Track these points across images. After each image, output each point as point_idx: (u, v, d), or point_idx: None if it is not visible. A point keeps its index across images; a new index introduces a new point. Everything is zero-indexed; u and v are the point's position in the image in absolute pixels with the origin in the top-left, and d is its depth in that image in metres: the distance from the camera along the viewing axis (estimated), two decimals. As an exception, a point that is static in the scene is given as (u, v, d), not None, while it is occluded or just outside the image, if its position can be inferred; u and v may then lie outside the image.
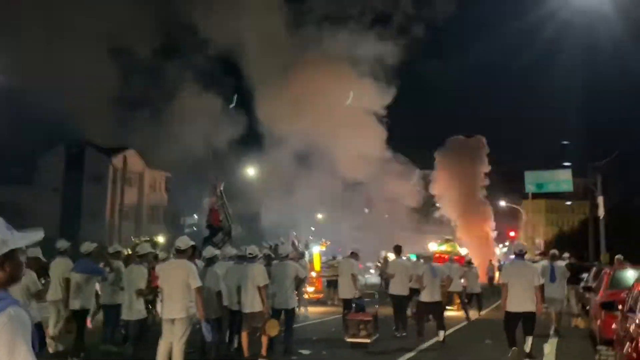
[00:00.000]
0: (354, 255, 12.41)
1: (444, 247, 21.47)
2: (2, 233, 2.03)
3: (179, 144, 42.65)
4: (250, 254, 8.75)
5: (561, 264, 12.46)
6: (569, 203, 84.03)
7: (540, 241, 57.59)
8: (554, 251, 13.05)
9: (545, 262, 12.59)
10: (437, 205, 46.54)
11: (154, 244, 38.75)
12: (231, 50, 37.82)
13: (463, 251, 21.88)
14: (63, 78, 40.38)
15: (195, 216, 48.86)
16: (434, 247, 21.88)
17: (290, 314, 9.45)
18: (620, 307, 6.70)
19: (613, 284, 9.20)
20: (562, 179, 25.86)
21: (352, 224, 62.30)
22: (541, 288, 9.08)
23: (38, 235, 2.13)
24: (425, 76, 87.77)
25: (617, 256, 14.03)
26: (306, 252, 18.65)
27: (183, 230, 43.48)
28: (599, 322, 8.73)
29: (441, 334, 10.51)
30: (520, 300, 8.80)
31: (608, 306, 7.55)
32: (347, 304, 11.62)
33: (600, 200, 25.19)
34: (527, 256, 10.21)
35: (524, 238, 52.90)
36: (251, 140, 40.54)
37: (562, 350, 9.93)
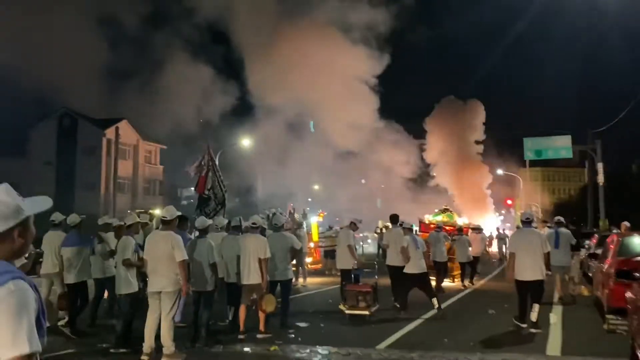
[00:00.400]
0: (352, 225, 12.10)
1: (440, 217, 19.65)
2: (15, 199, 1.89)
3: (171, 116, 42.30)
4: (253, 224, 8.46)
5: (565, 230, 12.14)
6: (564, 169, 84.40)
7: (537, 209, 57.58)
8: (559, 218, 12.72)
9: (549, 229, 12.38)
10: (433, 174, 45.32)
11: (151, 216, 38.58)
12: (219, 18, 37.00)
13: (461, 221, 20.11)
14: (52, 49, 39.91)
15: (192, 189, 48.54)
16: (429, 217, 20.59)
17: (287, 285, 9.15)
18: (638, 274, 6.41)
19: (622, 251, 8.87)
20: (561, 145, 25.48)
21: (349, 194, 62.21)
22: (548, 255, 8.99)
23: (47, 203, 2.01)
24: (418, 44, 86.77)
25: (623, 222, 13.64)
26: (304, 223, 18.37)
27: (180, 203, 43.30)
28: (606, 290, 8.46)
29: (434, 301, 10.32)
30: (529, 269, 8.81)
31: (623, 274, 7.31)
32: (345, 275, 11.37)
33: (599, 166, 24.94)
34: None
35: (522, 206, 52.80)
36: (244, 111, 40.06)
37: (568, 318, 9.69)
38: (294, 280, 15.33)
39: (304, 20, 33.94)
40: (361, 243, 27.54)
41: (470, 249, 16.04)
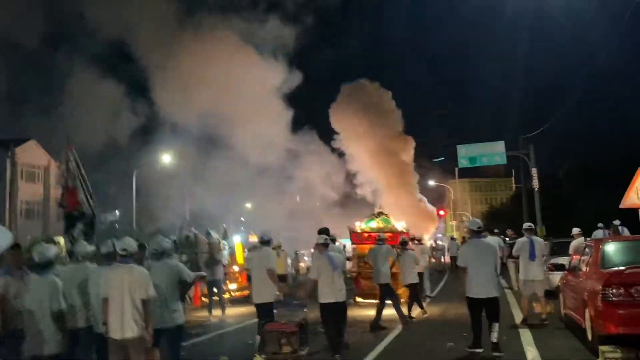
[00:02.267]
0: (265, 243, 8.82)
1: (374, 224, 16.22)
2: None
3: (82, 135, 39.41)
4: (123, 250, 5.78)
5: (539, 239, 10.70)
6: (488, 180, 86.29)
7: (467, 219, 57.91)
8: (529, 224, 11.00)
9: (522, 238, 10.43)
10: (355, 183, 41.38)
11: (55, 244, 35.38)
12: (122, 38, 34.71)
13: (399, 226, 16.27)
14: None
15: (117, 212, 45.41)
16: (360, 225, 16.86)
17: (175, 335, 6.47)
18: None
19: (606, 262, 7.34)
20: (495, 151, 24.76)
21: (284, 212, 60.07)
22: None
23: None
24: (332, 59, 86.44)
25: (614, 222, 11.73)
26: (225, 243, 16.31)
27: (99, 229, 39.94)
28: (592, 312, 6.95)
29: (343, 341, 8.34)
30: (482, 285, 7.80)
31: (615, 291, 5.88)
32: (262, 311, 8.46)
33: (534, 171, 24.35)
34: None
35: (453, 216, 53.03)
36: (155, 129, 37.89)
37: (544, 348, 8.01)
38: (210, 313, 13.15)
39: (211, 35, 32.22)
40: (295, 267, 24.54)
41: (416, 266, 12.90)
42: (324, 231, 9.11)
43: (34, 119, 43.21)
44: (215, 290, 14.18)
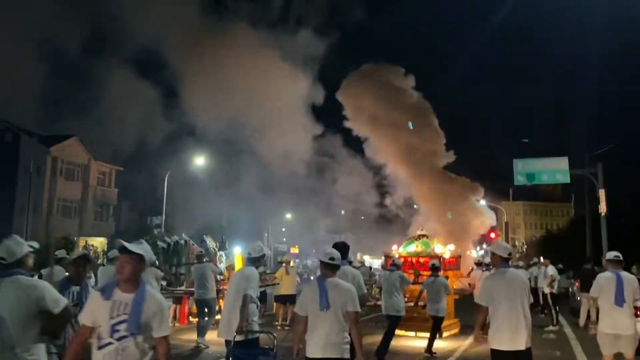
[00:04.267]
0: (252, 260, 6.60)
1: (412, 247, 14.36)
2: None
3: (124, 136, 39.07)
4: (1, 259, 3.87)
5: (630, 275, 7.17)
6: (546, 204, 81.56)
7: (521, 244, 54.15)
8: (615, 253, 7.38)
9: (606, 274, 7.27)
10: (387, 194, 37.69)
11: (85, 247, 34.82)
12: (158, 45, 34.05)
13: (441, 250, 14.20)
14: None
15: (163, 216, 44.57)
16: (398, 249, 14.69)
17: None
18: None
19: None
20: (558, 168, 21.80)
21: (327, 225, 58.01)
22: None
23: None
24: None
25: None
26: (222, 254, 14.31)
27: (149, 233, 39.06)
28: None
29: None
30: (511, 332, 5.54)
31: None
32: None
33: (602, 193, 21.30)
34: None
35: (505, 240, 49.60)
36: (189, 135, 37.14)
37: None
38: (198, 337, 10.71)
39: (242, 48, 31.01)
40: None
41: (444, 298, 10.84)
42: (338, 246, 5.98)
43: (76, 117, 43.26)
44: (206, 310, 11.58)
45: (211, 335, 11.21)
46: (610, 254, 7.48)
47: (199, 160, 33.56)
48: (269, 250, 14.30)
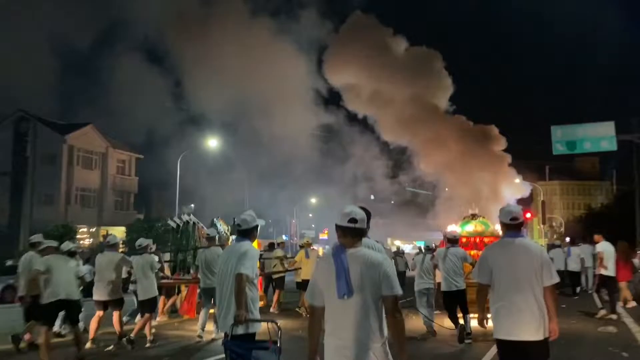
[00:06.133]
0: (243, 233, 5.43)
1: (471, 227, 13.48)
2: None
3: (142, 123, 37.97)
4: None
5: None
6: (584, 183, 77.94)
7: (559, 223, 51.40)
8: None
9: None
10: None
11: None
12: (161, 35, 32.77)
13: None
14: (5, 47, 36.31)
15: (192, 205, 43.46)
16: (455, 228, 13.72)
17: None
18: None
19: None
20: (602, 134, 19.32)
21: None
22: (553, 290, 4.41)
23: None
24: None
25: None
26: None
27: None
28: None
29: None
30: (512, 318, 4.34)
31: None
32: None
33: (653, 161, 18.90)
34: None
35: (542, 220, 47.03)
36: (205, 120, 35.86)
37: None
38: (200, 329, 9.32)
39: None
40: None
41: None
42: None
43: (92, 106, 42.47)
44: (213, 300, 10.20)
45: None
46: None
47: (212, 142, 32.06)
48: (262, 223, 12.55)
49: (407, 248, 44.80)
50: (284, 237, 48.42)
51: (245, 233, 5.39)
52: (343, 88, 26.91)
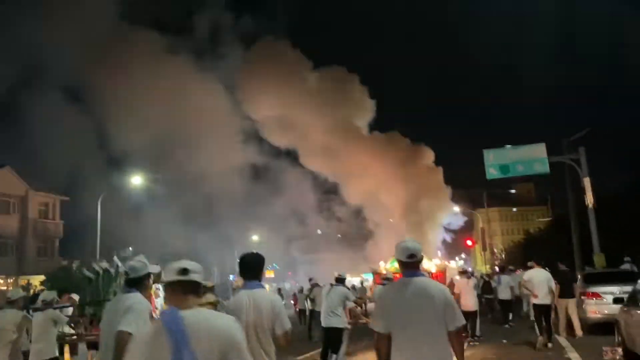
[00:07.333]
0: (133, 283, 4.87)
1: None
2: None
3: (64, 164, 35.81)
4: None
5: None
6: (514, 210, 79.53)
7: (499, 250, 51.56)
8: None
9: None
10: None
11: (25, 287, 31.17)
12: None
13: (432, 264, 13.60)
14: None
15: (131, 248, 40.81)
16: (385, 265, 14.25)
17: None
18: None
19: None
20: (535, 156, 18.82)
21: (302, 245, 55.05)
22: (459, 334, 3.85)
23: None
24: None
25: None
26: (159, 287, 11.06)
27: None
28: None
29: None
30: None
31: None
32: None
33: (586, 182, 18.46)
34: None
35: (482, 248, 46.98)
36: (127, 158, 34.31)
37: None
38: None
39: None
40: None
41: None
42: (246, 259, 4.61)
43: (9, 145, 39.96)
44: None
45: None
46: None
47: (136, 180, 30.15)
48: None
49: (355, 280, 43.76)
50: (230, 277, 46.30)
51: (134, 282, 4.69)
52: (262, 120, 26.08)
